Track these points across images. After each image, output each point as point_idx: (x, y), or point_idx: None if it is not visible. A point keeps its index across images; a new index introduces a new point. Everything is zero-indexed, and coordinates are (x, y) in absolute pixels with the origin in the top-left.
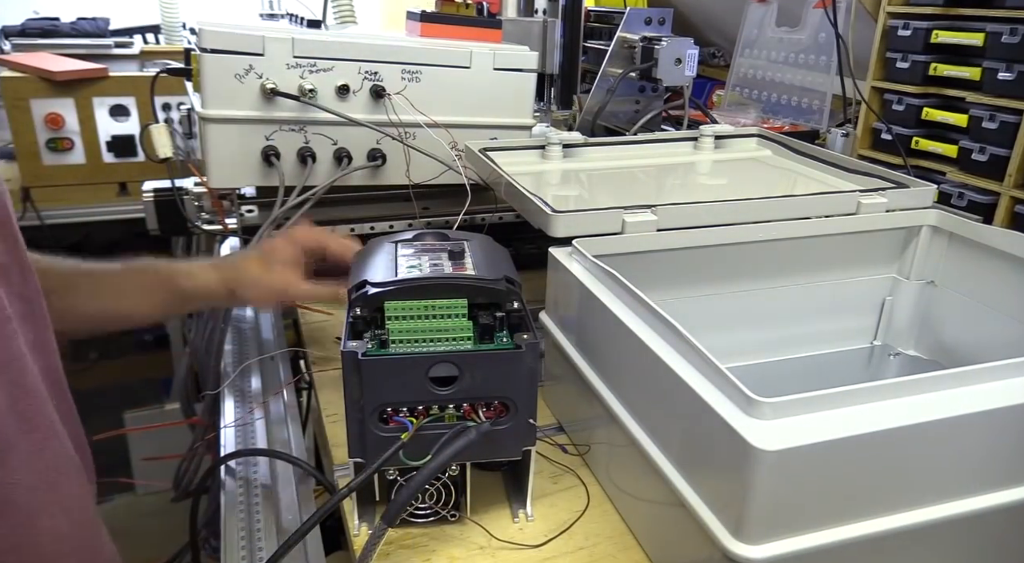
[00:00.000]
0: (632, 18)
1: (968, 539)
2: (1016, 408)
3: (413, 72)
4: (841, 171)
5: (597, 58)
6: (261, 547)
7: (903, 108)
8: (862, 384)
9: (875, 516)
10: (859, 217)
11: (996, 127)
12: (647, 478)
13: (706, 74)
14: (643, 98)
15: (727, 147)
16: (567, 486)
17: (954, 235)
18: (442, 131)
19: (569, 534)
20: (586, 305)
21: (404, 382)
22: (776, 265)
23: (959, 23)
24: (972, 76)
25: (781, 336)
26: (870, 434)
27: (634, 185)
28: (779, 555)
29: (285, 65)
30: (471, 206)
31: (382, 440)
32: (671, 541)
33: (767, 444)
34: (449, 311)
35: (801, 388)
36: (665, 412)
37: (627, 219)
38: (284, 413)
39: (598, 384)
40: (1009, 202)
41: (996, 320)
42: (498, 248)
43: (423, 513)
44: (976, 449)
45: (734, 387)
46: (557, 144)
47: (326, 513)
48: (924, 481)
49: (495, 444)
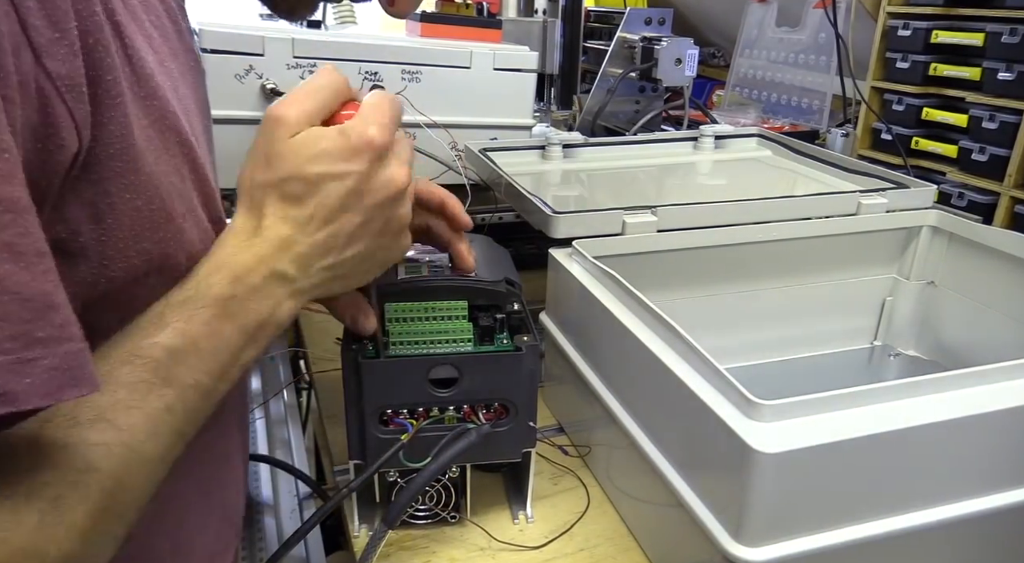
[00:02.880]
0: (632, 18)
1: (968, 541)
2: (1016, 410)
3: (413, 72)
4: (841, 171)
5: (597, 58)
6: (262, 547)
7: (903, 108)
8: (861, 386)
9: (875, 518)
10: (859, 217)
11: (996, 127)
12: (647, 479)
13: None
14: (643, 98)
15: (727, 147)
16: (567, 487)
17: (954, 235)
18: (442, 131)
19: (569, 535)
20: (586, 306)
21: (404, 384)
22: (776, 266)
23: (959, 23)
24: (972, 76)
25: (781, 336)
26: (870, 436)
27: (634, 186)
28: (779, 557)
29: (285, 65)
30: (471, 206)
31: (382, 441)
32: (671, 543)
33: (767, 446)
34: (449, 313)
35: (801, 389)
36: (665, 414)
37: (627, 220)
38: (284, 413)
39: (598, 385)
40: (1009, 202)
41: (996, 320)
42: (499, 249)
43: (423, 515)
44: (976, 451)
45: (734, 389)
46: (557, 144)
47: (325, 514)
48: (924, 483)
49: (495, 446)
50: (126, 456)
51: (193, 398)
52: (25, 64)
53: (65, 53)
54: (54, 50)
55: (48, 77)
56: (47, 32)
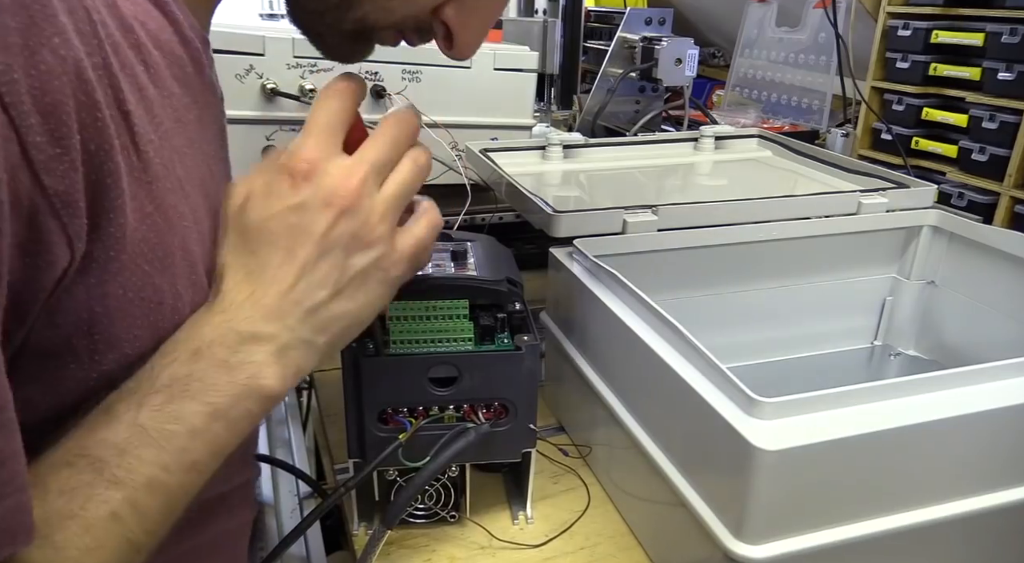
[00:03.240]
0: (632, 18)
1: (968, 539)
2: (1016, 408)
3: (413, 72)
4: (841, 171)
5: (597, 58)
6: (262, 547)
7: (903, 108)
8: (862, 384)
9: (875, 516)
10: (859, 217)
11: (996, 127)
12: (648, 478)
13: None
14: (643, 98)
15: (727, 147)
16: (568, 486)
17: (954, 235)
18: (442, 131)
19: (570, 534)
20: (587, 305)
21: (404, 382)
22: (777, 265)
23: (959, 23)
24: (972, 76)
25: (781, 336)
26: (871, 434)
27: (634, 186)
28: (780, 555)
29: (285, 65)
30: (471, 206)
31: (381, 440)
32: (672, 541)
33: (768, 444)
34: (450, 312)
35: (801, 388)
36: (666, 412)
37: (628, 219)
38: (284, 413)
39: (599, 384)
40: (1009, 202)
41: (996, 320)
42: (501, 249)
43: (422, 514)
44: (976, 449)
45: (735, 387)
46: (557, 145)
47: (323, 512)
48: (924, 481)
49: (494, 446)
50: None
51: (147, 499)
52: (22, 185)
53: (65, 168)
54: (53, 166)
55: (44, 194)
56: (48, 149)
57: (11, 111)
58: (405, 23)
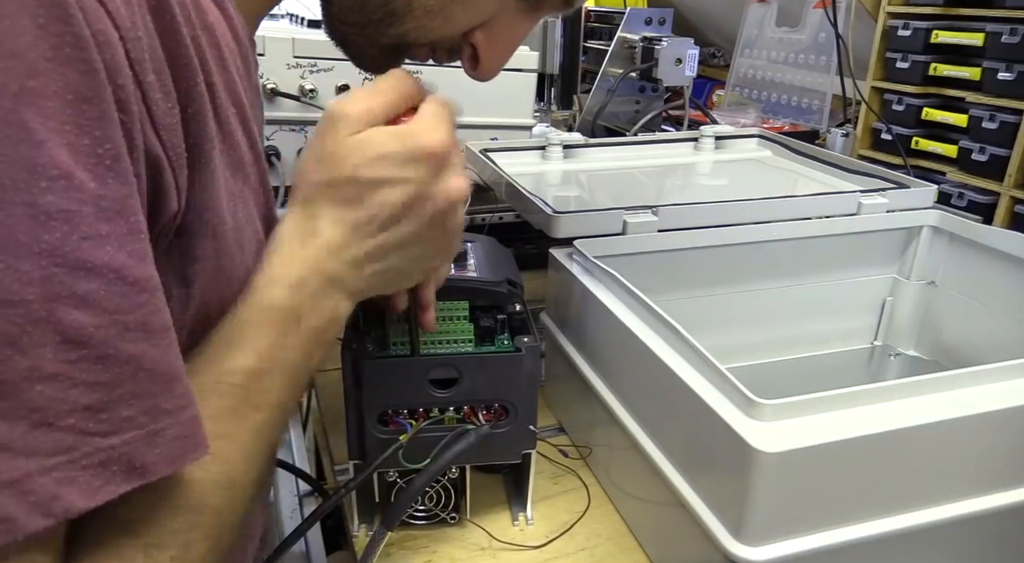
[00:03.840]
0: (632, 18)
1: (968, 541)
2: (1017, 410)
3: (413, 72)
4: (841, 171)
5: (597, 58)
6: (262, 547)
7: (903, 108)
8: (862, 386)
9: (876, 518)
10: (860, 217)
11: (996, 127)
12: (648, 479)
13: (706, 74)
14: (643, 98)
15: (727, 148)
16: (568, 487)
17: (954, 235)
18: None
19: (570, 535)
20: (587, 306)
21: (404, 384)
22: (777, 266)
23: (959, 23)
24: (972, 76)
25: (781, 336)
26: (870, 436)
27: (635, 186)
28: (780, 557)
29: (285, 65)
30: (471, 206)
31: (381, 442)
32: (672, 542)
33: (768, 446)
34: (450, 313)
35: (802, 389)
36: (666, 413)
37: (628, 220)
38: None
39: (599, 385)
40: (1009, 202)
41: (996, 320)
42: (502, 250)
43: (422, 515)
44: (976, 451)
45: (735, 388)
46: (557, 145)
47: (323, 514)
48: (925, 483)
49: (494, 447)
50: (229, 487)
51: (277, 417)
52: (149, 138)
53: (175, 123)
54: (167, 121)
55: (163, 146)
56: (163, 104)
57: (136, 67)
58: (440, 42)
